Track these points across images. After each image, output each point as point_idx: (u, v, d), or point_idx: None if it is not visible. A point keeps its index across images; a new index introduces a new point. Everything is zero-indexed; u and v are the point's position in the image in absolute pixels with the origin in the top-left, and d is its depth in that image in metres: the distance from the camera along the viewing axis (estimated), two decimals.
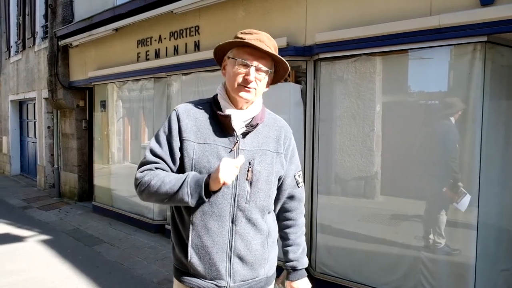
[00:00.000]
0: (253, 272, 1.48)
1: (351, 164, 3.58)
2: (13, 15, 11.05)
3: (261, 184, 1.46)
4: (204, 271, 1.43)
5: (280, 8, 4.04)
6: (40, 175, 9.30)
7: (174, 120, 1.47)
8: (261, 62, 1.43)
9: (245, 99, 1.44)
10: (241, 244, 1.44)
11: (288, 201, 1.64)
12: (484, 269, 2.97)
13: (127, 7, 5.65)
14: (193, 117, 1.47)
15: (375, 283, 3.38)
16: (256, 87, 1.44)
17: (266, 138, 1.51)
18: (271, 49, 1.43)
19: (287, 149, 1.57)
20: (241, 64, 1.42)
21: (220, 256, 1.42)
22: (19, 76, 10.49)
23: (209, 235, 1.41)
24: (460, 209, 2.98)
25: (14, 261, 4.56)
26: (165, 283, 3.97)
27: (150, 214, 5.79)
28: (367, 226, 3.52)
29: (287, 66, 1.50)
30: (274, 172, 1.50)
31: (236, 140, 1.44)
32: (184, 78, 5.18)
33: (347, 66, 3.54)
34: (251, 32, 1.44)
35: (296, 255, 1.63)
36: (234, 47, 1.46)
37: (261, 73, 1.43)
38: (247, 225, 1.45)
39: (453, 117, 3.04)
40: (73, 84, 7.56)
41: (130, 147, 6.62)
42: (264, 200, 1.48)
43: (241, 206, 1.43)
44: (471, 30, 2.77)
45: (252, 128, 1.47)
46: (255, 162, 1.45)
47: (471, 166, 2.94)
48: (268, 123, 1.54)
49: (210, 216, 1.41)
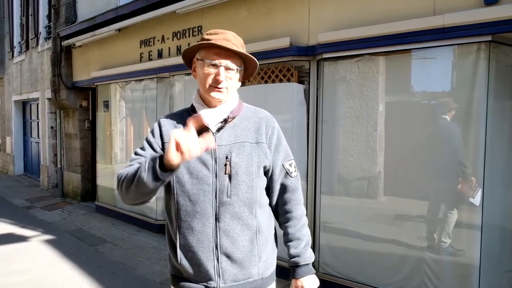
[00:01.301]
0: (244, 271, 1.45)
1: (354, 164, 3.57)
2: (16, 16, 11.09)
3: (241, 176, 1.43)
4: (193, 273, 1.44)
5: (283, 8, 4.03)
6: (43, 175, 9.34)
7: (156, 128, 1.54)
8: (230, 60, 1.44)
9: (218, 99, 1.45)
10: (226, 241, 1.41)
11: (282, 192, 1.58)
12: (488, 270, 2.95)
13: (130, 8, 5.66)
14: (172, 123, 1.53)
15: (379, 283, 3.37)
16: (227, 86, 1.45)
17: (244, 131, 1.49)
18: (238, 47, 1.44)
19: (270, 138, 1.53)
20: (210, 65, 1.43)
21: (206, 256, 1.41)
22: (22, 77, 10.53)
23: (194, 235, 1.41)
24: (475, 204, 2.93)
25: (18, 260, 4.57)
26: (167, 283, 3.96)
27: (153, 214, 5.80)
28: (370, 226, 3.51)
29: (256, 62, 1.52)
30: (254, 163, 1.46)
31: (214, 137, 1.45)
32: (187, 78, 5.19)
33: (350, 66, 3.54)
34: (217, 32, 1.46)
35: (298, 250, 1.55)
36: (201, 48, 1.47)
37: (230, 72, 1.45)
38: (232, 221, 1.42)
39: (448, 116, 3.04)
40: (76, 84, 7.59)
41: (133, 147, 6.62)
42: (247, 192, 1.44)
43: (223, 201, 1.41)
44: (475, 29, 2.76)
45: (225, 123, 1.47)
46: (232, 155, 1.43)
47: (475, 166, 2.93)
48: (246, 116, 1.54)
49: (193, 215, 1.41)
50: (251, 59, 1.49)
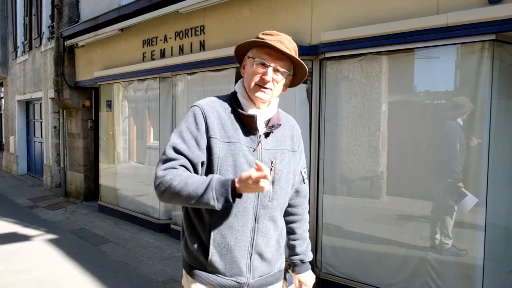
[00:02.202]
0: (270, 267, 1.53)
1: (357, 164, 3.56)
2: (19, 16, 11.13)
3: (282, 182, 1.49)
4: (224, 269, 1.44)
5: (285, 7, 4.02)
6: (47, 175, 9.36)
7: (200, 117, 1.41)
8: (280, 63, 1.43)
9: (261, 99, 1.44)
10: (262, 241, 1.47)
11: (294, 197, 1.67)
12: (491, 270, 2.93)
13: (132, 7, 5.67)
14: (217, 114, 1.43)
15: (381, 283, 3.36)
16: (272, 88, 1.44)
17: (283, 137, 1.53)
18: (291, 52, 1.43)
19: (299, 147, 1.61)
20: (259, 64, 1.43)
21: (242, 254, 1.44)
22: (25, 76, 10.57)
23: (233, 234, 1.42)
24: (462, 210, 2.95)
25: (21, 260, 4.59)
26: (170, 283, 3.97)
27: (156, 214, 5.80)
28: (373, 226, 3.50)
29: (306, 69, 1.51)
30: (292, 171, 1.54)
31: (259, 140, 1.45)
32: (189, 77, 5.19)
33: (353, 65, 3.52)
34: (272, 34, 1.46)
35: (303, 248, 1.69)
36: (254, 47, 1.47)
37: (278, 75, 1.44)
38: (268, 222, 1.48)
39: (460, 116, 3.01)
40: (79, 84, 7.61)
41: (135, 146, 6.64)
42: (284, 198, 1.53)
43: (264, 204, 1.46)
44: (479, 28, 2.74)
45: (273, 129, 1.49)
46: (276, 161, 1.47)
47: (479, 166, 2.91)
48: (282, 122, 1.56)
49: (234, 215, 1.42)
50: (302, 66, 1.49)
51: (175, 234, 5.37)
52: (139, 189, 6.23)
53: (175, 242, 5.23)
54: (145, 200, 6.06)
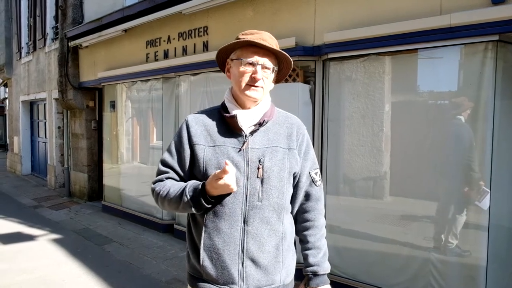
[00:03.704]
0: (268, 277, 1.43)
1: (360, 164, 3.56)
2: (24, 17, 11.19)
3: (273, 181, 1.43)
4: (216, 275, 1.41)
5: (288, 8, 4.03)
6: (50, 175, 9.41)
7: (184, 129, 1.50)
8: (267, 59, 1.44)
9: (253, 98, 1.44)
10: (253, 245, 1.40)
11: (305, 200, 1.57)
12: (495, 271, 2.93)
13: (136, 8, 5.69)
14: (202, 123, 1.49)
15: (384, 284, 3.36)
16: (263, 85, 1.44)
17: (277, 135, 1.49)
18: (274, 47, 1.44)
19: (300, 145, 1.54)
20: (246, 63, 1.42)
21: (232, 259, 1.39)
22: (30, 77, 10.62)
23: (220, 236, 1.39)
24: (483, 208, 2.90)
25: (26, 259, 4.62)
26: (173, 283, 3.99)
27: (159, 214, 5.82)
28: (376, 226, 3.50)
29: (291, 62, 1.51)
30: (286, 168, 1.46)
31: (245, 140, 1.44)
32: (192, 78, 5.20)
33: (356, 66, 3.53)
34: (252, 33, 1.46)
35: (317, 259, 1.53)
36: (237, 48, 1.47)
37: (267, 71, 1.45)
38: (260, 225, 1.41)
39: (463, 116, 3.00)
40: (83, 85, 7.64)
41: (139, 147, 6.66)
42: (278, 198, 1.44)
43: (253, 205, 1.40)
44: (482, 29, 2.74)
45: (259, 126, 1.46)
46: (265, 159, 1.42)
47: (482, 167, 2.91)
48: (278, 121, 1.53)
49: (221, 216, 1.39)
50: (287, 59, 1.49)
51: (178, 234, 5.39)
52: (143, 189, 6.25)
53: (178, 242, 5.25)
54: (148, 200, 6.08)
